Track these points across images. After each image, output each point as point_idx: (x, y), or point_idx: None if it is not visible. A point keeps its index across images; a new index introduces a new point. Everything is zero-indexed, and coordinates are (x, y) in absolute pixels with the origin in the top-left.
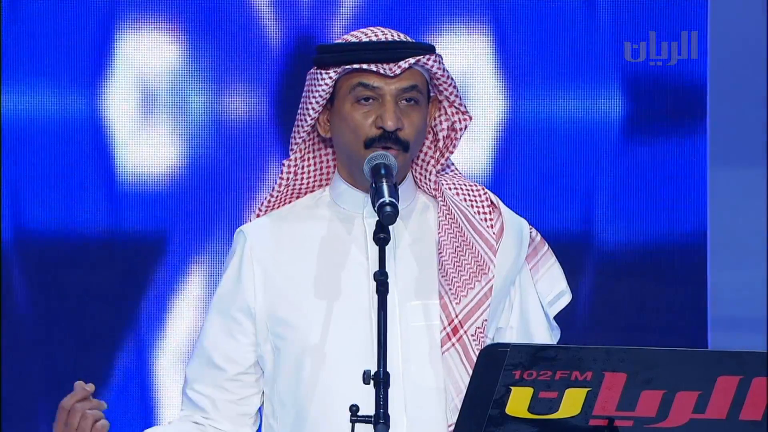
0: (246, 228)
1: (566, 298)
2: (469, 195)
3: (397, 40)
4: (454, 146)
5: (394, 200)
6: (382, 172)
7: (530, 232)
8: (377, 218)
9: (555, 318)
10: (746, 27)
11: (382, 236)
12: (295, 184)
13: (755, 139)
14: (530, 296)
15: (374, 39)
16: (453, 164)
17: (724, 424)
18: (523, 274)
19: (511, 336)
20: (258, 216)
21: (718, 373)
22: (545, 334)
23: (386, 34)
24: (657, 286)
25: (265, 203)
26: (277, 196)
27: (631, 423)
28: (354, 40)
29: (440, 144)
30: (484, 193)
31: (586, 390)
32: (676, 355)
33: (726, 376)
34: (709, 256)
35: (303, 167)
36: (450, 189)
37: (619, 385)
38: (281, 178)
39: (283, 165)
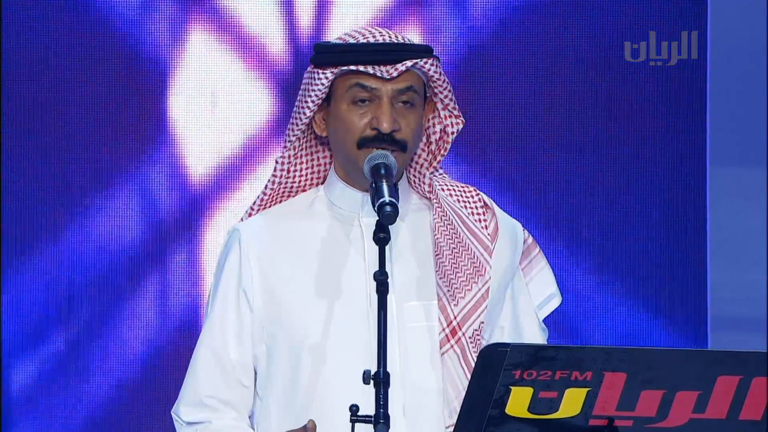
0: (240, 226)
1: (556, 301)
2: (462, 196)
3: (395, 42)
4: (446, 149)
5: (394, 200)
6: (382, 171)
7: (523, 234)
8: (375, 218)
9: (545, 320)
10: (746, 27)
11: (382, 236)
12: (287, 183)
13: (755, 139)
14: (522, 297)
15: (372, 40)
16: (442, 167)
17: (724, 423)
18: (515, 276)
19: (501, 336)
20: (250, 215)
21: (718, 373)
22: (538, 336)
23: (384, 36)
24: (657, 286)
25: (258, 202)
26: (270, 194)
27: (630, 423)
28: (352, 40)
29: (432, 147)
30: (477, 195)
31: (586, 390)
32: (676, 355)
33: (726, 376)
34: (709, 256)
35: (296, 165)
36: (443, 190)
37: (619, 385)
38: (274, 176)
39: (276, 162)
